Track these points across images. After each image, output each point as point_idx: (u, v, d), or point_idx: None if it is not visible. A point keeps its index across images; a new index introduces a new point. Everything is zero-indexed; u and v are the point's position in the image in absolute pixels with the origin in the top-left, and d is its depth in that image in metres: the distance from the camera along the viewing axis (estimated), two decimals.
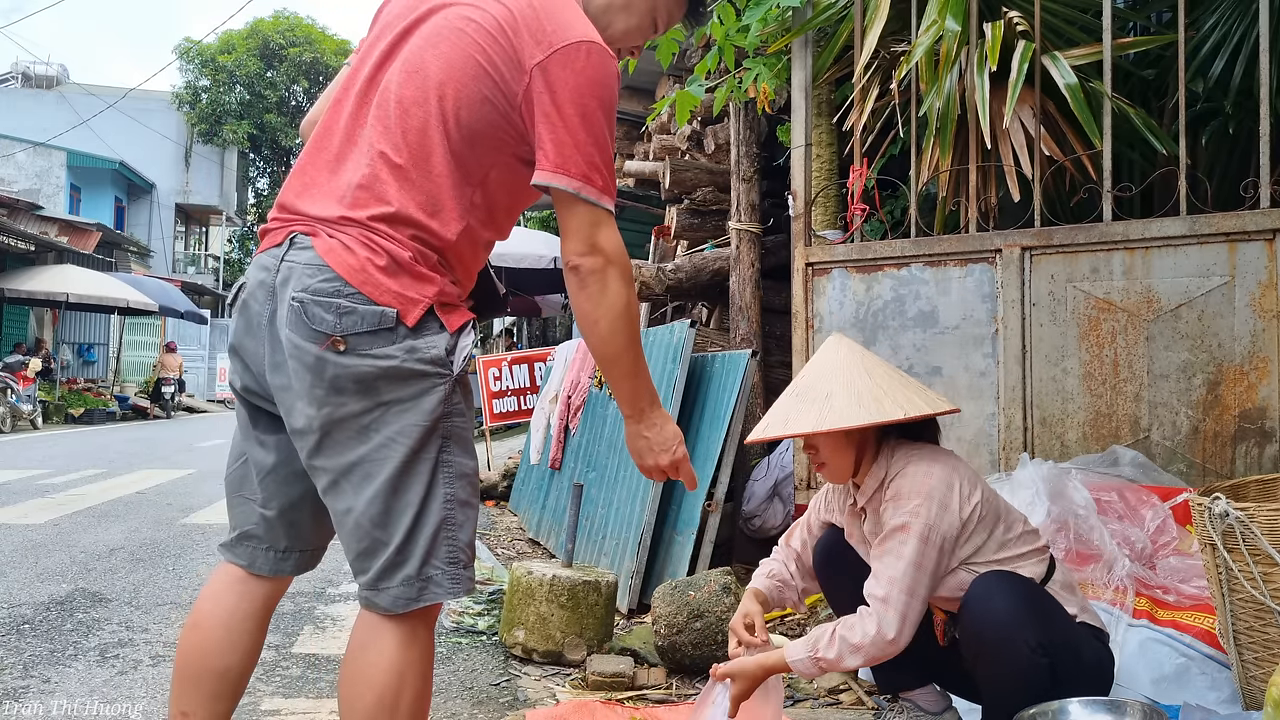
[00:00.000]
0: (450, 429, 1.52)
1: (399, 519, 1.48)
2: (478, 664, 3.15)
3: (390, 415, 1.47)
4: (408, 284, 1.47)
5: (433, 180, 1.50)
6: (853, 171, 3.34)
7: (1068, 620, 1.91)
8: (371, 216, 1.48)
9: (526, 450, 6.64)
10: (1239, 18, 3.23)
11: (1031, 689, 1.81)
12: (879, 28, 3.22)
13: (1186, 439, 2.78)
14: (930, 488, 1.88)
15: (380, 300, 1.45)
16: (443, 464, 1.51)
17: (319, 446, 1.50)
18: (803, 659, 1.87)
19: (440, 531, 1.50)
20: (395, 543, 1.48)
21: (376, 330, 1.45)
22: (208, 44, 31.51)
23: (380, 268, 1.46)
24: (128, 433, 15.12)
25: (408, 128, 1.50)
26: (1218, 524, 1.94)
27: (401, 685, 1.49)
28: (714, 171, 5.52)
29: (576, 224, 1.51)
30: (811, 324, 3.46)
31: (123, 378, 22.65)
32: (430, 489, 1.49)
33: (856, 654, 1.84)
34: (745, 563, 4.26)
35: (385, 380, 1.46)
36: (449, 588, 1.51)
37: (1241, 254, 2.71)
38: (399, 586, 1.49)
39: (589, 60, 1.50)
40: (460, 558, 1.52)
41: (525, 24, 1.50)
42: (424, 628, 1.54)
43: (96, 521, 5.91)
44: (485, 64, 1.50)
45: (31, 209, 19.23)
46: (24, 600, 3.86)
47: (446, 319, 1.51)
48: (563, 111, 1.49)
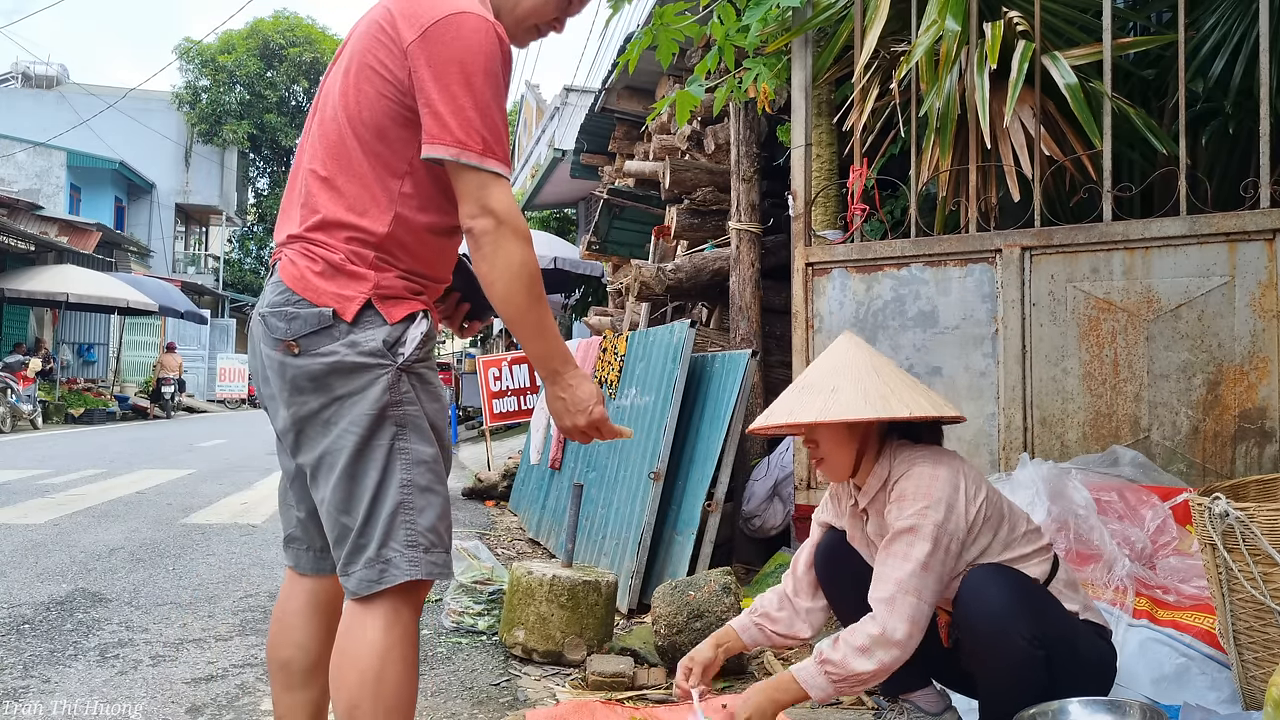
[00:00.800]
0: (403, 417, 1.61)
1: (358, 504, 1.60)
2: (478, 664, 3.15)
3: (344, 408, 1.60)
4: (343, 284, 1.60)
5: (355, 182, 1.62)
6: (853, 171, 3.34)
7: (1065, 615, 1.91)
8: (307, 228, 1.63)
9: (526, 450, 6.64)
10: (1239, 18, 3.23)
11: (1028, 682, 1.81)
12: (879, 28, 3.22)
13: (1186, 439, 2.78)
14: (937, 489, 1.87)
15: (319, 302, 1.59)
16: (399, 450, 1.60)
17: (296, 445, 1.66)
18: (809, 668, 1.85)
19: (398, 515, 1.59)
20: (356, 526, 1.60)
21: (319, 330, 1.59)
22: (208, 44, 31.53)
23: (317, 273, 1.61)
24: (128, 433, 15.12)
25: (329, 143, 1.64)
26: (1218, 524, 1.94)
27: (383, 665, 1.57)
28: (714, 171, 5.52)
29: (463, 189, 1.57)
30: (811, 324, 3.46)
31: (123, 378, 22.65)
32: (385, 474, 1.59)
33: (863, 656, 1.81)
34: (745, 563, 4.26)
35: (334, 375, 1.59)
36: (407, 570, 1.58)
37: (1241, 254, 2.71)
38: (362, 569, 1.59)
39: (460, 30, 1.55)
40: (419, 541, 1.60)
41: (401, 14, 1.60)
42: (407, 610, 1.61)
43: (96, 521, 5.91)
44: (374, 64, 1.61)
45: (31, 209, 19.23)
46: (24, 600, 3.86)
47: (387, 311, 1.61)
48: (439, 83, 1.55)
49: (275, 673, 1.82)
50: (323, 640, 1.80)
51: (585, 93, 14.61)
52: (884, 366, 2.01)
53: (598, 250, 8.35)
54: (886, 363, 2.04)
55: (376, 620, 1.58)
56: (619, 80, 8.07)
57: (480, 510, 6.99)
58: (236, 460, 10.31)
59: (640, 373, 4.59)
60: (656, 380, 4.32)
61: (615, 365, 4.97)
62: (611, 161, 9.06)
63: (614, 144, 8.62)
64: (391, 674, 1.57)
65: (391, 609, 1.59)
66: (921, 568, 1.82)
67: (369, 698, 1.56)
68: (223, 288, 30.97)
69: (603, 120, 8.78)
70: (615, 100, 8.37)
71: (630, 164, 7.19)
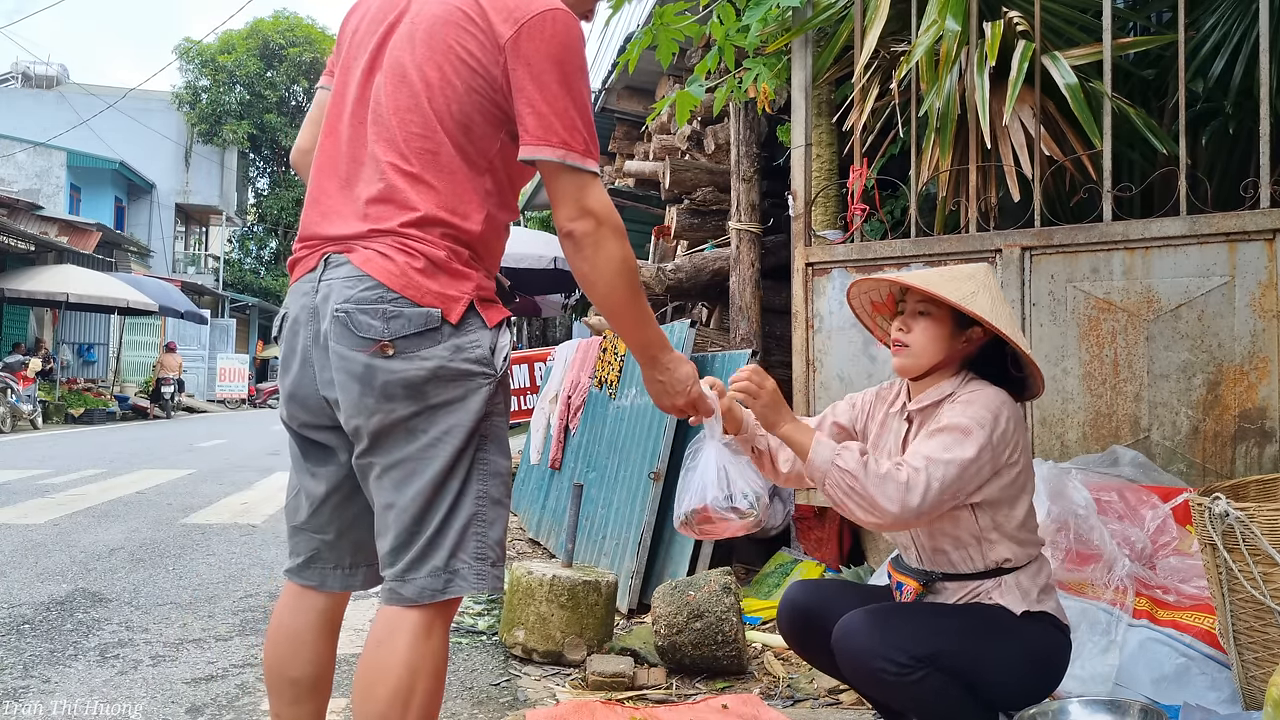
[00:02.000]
0: (490, 429, 1.56)
1: (434, 513, 1.53)
2: (478, 664, 3.15)
3: (438, 416, 1.52)
4: (447, 283, 1.52)
5: (446, 179, 1.54)
6: (853, 171, 3.34)
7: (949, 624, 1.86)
8: (402, 223, 1.52)
9: (526, 450, 6.64)
10: (1239, 18, 3.23)
11: (926, 700, 1.80)
12: (879, 28, 3.22)
13: (1186, 439, 2.78)
14: (999, 411, 1.85)
15: (424, 302, 1.49)
16: (479, 461, 1.55)
17: (370, 448, 1.55)
18: (824, 452, 1.82)
19: (470, 526, 1.54)
20: (427, 534, 1.53)
21: (423, 331, 1.49)
22: (208, 44, 31.51)
23: (419, 270, 1.50)
24: (128, 433, 15.12)
25: (409, 134, 1.54)
26: (1218, 524, 1.94)
27: (415, 679, 1.51)
28: (714, 171, 5.51)
29: (563, 191, 1.53)
30: (811, 324, 3.46)
31: (123, 378, 22.64)
32: (465, 485, 1.54)
33: (876, 483, 1.76)
34: (745, 563, 4.26)
35: (434, 382, 1.50)
36: (473, 582, 1.54)
37: (1241, 254, 2.71)
38: (426, 577, 1.52)
39: (555, 27, 1.52)
40: (489, 555, 1.56)
41: (491, 5, 1.54)
42: (441, 624, 1.56)
43: (96, 521, 5.91)
44: (464, 55, 1.53)
45: (31, 209, 19.22)
46: (24, 600, 3.86)
47: (486, 315, 1.55)
48: (539, 82, 1.51)
49: (282, 689, 1.74)
50: (332, 655, 1.77)
51: None
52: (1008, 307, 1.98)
53: None
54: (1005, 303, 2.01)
55: (416, 631, 1.53)
56: (619, 80, 8.08)
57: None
58: (236, 460, 10.31)
59: (640, 373, 4.58)
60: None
61: (615, 365, 4.97)
62: (611, 161, 9.06)
63: (614, 144, 8.62)
64: (423, 687, 1.52)
65: (432, 621, 1.54)
66: (960, 466, 1.78)
67: (399, 709, 1.50)
68: (223, 288, 30.95)
69: (603, 120, 8.77)
70: (615, 100, 8.37)
71: (630, 164, 7.19)
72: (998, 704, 1.88)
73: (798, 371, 3.47)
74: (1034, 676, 1.89)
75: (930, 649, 1.79)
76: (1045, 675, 1.91)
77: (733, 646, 2.91)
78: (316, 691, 1.76)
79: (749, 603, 3.62)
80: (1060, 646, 1.93)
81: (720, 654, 2.92)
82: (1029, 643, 1.88)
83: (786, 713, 2.60)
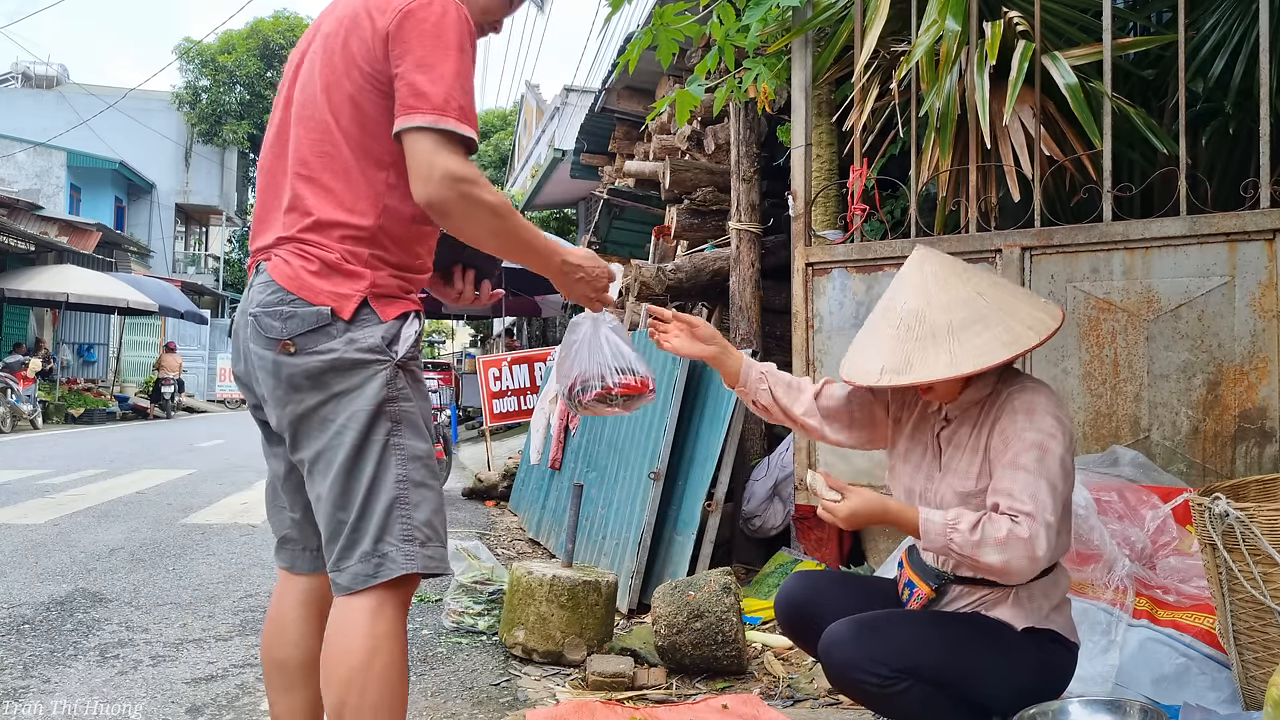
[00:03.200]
0: (399, 412, 1.63)
1: (353, 499, 1.61)
2: (478, 664, 3.15)
3: (341, 404, 1.61)
4: (339, 282, 1.62)
5: (343, 178, 1.63)
6: (853, 171, 3.34)
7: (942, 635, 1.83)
8: (300, 229, 1.64)
9: (526, 450, 6.63)
10: (1239, 18, 3.23)
11: (917, 709, 1.78)
12: (879, 28, 3.22)
13: (1186, 439, 2.78)
14: (1057, 412, 1.80)
15: (316, 301, 1.61)
16: (394, 446, 1.62)
17: (294, 442, 1.67)
18: (937, 523, 1.75)
19: (393, 510, 1.61)
20: (350, 521, 1.61)
21: (317, 328, 1.60)
22: (208, 44, 31.49)
23: (313, 272, 1.62)
24: (128, 433, 15.12)
25: (311, 141, 1.65)
26: (1218, 524, 1.94)
27: (370, 661, 1.57)
28: (714, 171, 5.51)
29: (416, 156, 1.55)
30: (811, 324, 3.46)
31: (123, 378, 22.64)
32: (380, 470, 1.61)
33: (998, 549, 1.69)
34: (745, 563, 4.26)
35: (332, 372, 1.61)
36: (403, 564, 1.60)
37: (1241, 254, 2.71)
38: (357, 563, 1.60)
39: (431, 9, 1.58)
40: (416, 536, 1.61)
41: (374, 5, 1.61)
42: (390, 608, 1.62)
43: (96, 521, 5.91)
44: (353, 54, 1.62)
45: (31, 209, 19.22)
46: (24, 600, 3.86)
47: (382, 310, 1.64)
48: (413, 57, 1.56)
49: (272, 674, 1.82)
50: (318, 638, 1.80)
51: (585, 93, 14.61)
52: (977, 279, 1.86)
53: (598, 250, 8.34)
54: (974, 273, 1.89)
55: (365, 616, 1.59)
56: (619, 80, 8.08)
57: (480, 510, 6.99)
58: (236, 460, 10.30)
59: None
60: (656, 380, 4.31)
61: None
62: (611, 161, 9.06)
63: (614, 144, 8.62)
64: (379, 669, 1.57)
65: (380, 605, 1.60)
66: (1052, 488, 1.72)
67: (356, 693, 1.56)
68: (223, 288, 30.95)
69: (603, 120, 8.78)
70: (615, 100, 8.37)
71: (630, 164, 7.18)
72: (992, 710, 1.85)
73: (798, 371, 3.47)
74: (1027, 694, 1.82)
75: (915, 662, 1.77)
76: (1040, 693, 1.85)
77: (733, 646, 2.91)
78: (306, 679, 1.80)
79: (749, 603, 3.62)
80: (1060, 666, 1.88)
81: (720, 654, 2.92)
82: (1024, 661, 1.83)
83: (786, 713, 2.60)
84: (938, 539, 1.75)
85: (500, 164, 26.75)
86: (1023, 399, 1.82)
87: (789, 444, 4.07)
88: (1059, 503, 1.74)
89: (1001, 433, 1.81)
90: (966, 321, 1.80)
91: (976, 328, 1.79)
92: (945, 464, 1.92)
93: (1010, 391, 1.85)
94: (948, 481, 1.90)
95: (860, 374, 1.88)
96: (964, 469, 1.88)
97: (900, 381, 1.80)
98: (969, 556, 1.72)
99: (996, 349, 1.76)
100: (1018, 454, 1.76)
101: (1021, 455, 1.75)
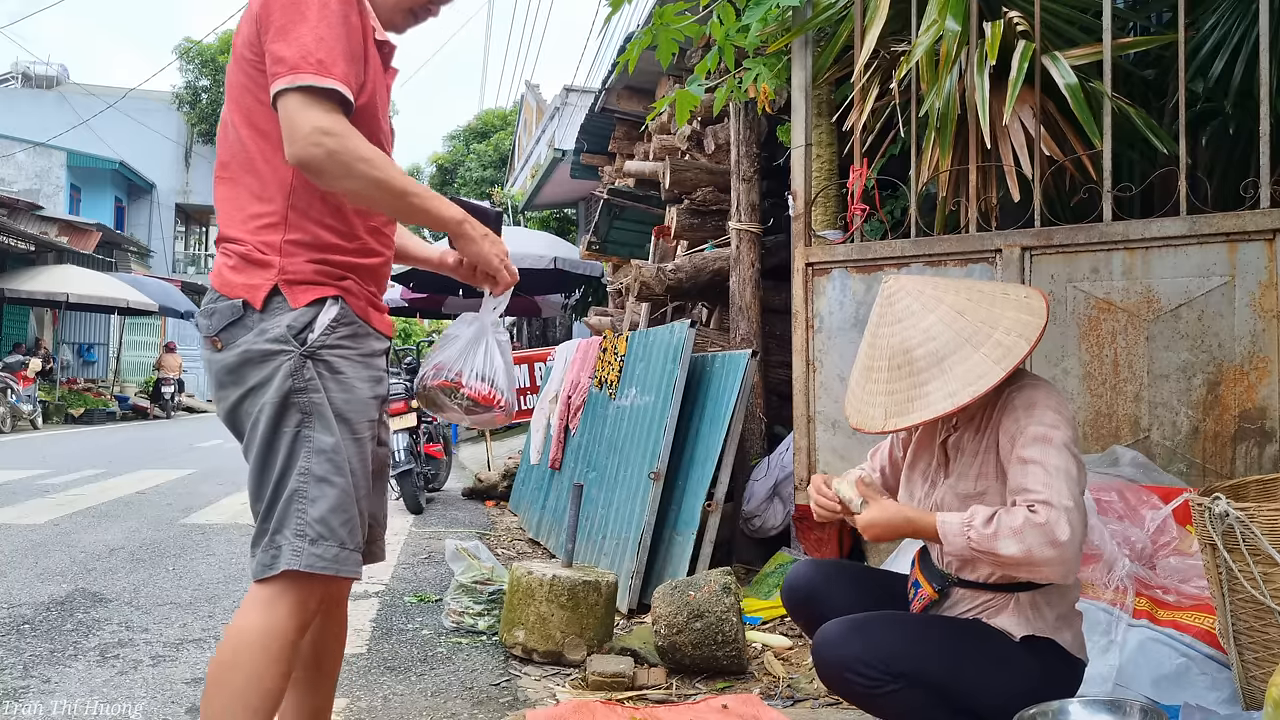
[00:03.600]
0: (308, 404, 1.62)
1: (263, 490, 1.63)
2: (478, 664, 3.15)
3: (256, 397, 1.62)
4: (252, 274, 1.63)
5: (250, 171, 1.65)
6: (853, 171, 3.34)
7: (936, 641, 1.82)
8: (224, 229, 1.68)
9: (526, 450, 6.63)
10: (1239, 18, 3.23)
11: (905, 711, 1.78)
12: (879, 28, 3.22)
13: (1186, 439, 2.78)
14: (1059, 406, 1.80)
15: (232, 294, 1.64)
16: (302, 438, 1.62)
17: (239, 438, 1.69)
18: (954, 525, 1.74)
19: (292, 503, 1.60)
20: (261, 512, 1.63)
21: (234, 321, 1.63)
22: (208, 44, 31.43)
23: (230, 268, 1.65)
24: (128, 433, 15.11)
25: (224, 142, 1.69)
26: (1218, 524, 1.94)
27: (238, 651, 1.57)
28: (714, 171, 5.51)
29: (284, 119, 1.52)
30: (811, 324, 3.46)
31: (123, 378, 22.64)
32: (288, 462, 1.61)
33: (1013, 539, 1.67)
34: (745, 563, 4.26)
35: (247, 365, 1.62)
36: (290, 559, 1.58)
37: (1241, 254, 2.71)
38: (262, 552, 1.62)
39: None
40: (307, 532, 1.59)
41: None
42: (286, 603, 1.60)
43: (96, 521, 5.91)
44: (241, 45, 1.64)
45: (31, 209, 19.22)
46: (24, 600, 3.86)
47: (293, 296, 1.62)
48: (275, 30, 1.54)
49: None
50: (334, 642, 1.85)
51: (585, 93, 14.61)
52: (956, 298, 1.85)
53: (598, 250, 8.35)
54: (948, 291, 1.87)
55: (257, 608, 1.60)
56: (619, 80, 8.07)
57: (480, 510, 6.99)
58: (236, 460, 10.26)
59: (640, 373, 4.59)
60: (656, 380, 4.31)
61: (615, 365, 4.97)
62: (611, 161, 9.06)
63: (614, 144, 8.62)
64: (246, 661, 1.56)
65: (275, 599, 1.60)
66: (1066, 474, 1.71)
67: (214, 680, 1.57)
68: None
69: (603, 120, 8.77)
70: (615, 100, 8.36)
71: (630, 164, 7.18)
72: (983, 717, 1.83)
73: (798, 371, 3.47)
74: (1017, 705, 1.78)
75: (905, 665, 1.77)
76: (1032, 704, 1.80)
77: (733, 646, 2.91)
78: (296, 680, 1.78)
79: (749, 603, 3.62)
80: (1058, 680, 1.84)
81: (720, 654, 2.92)
82: (1017, 672, 1.80)
83: (786, 713, 2.60)
84: (957, 540, 1.74)
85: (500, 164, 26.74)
86: (1022, 396, 1.82)
87: (789, 444, 4.07)
88: (1075, 488, 1.72)
89: (1005, 431, 1.82)
90: (954, 345, 1.80)
91: (965, 350, 1.79)
92: (950, 468, 1.93)
93: (1010, 391, 1.85)
94: (949, 484, 1.91)
95: (867, 422, 1.89)
96: (965, 470, 1.89)
97: (905, 424, 1.82)
98: (989, 551, 1.70)
99: (989, 368, 1.75)
100: (1024, 449, 1.76)
101: (1028, 450, 1.76)
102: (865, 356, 1.94)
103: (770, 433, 4.59)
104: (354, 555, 1.64)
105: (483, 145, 28.23)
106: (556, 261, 10.95)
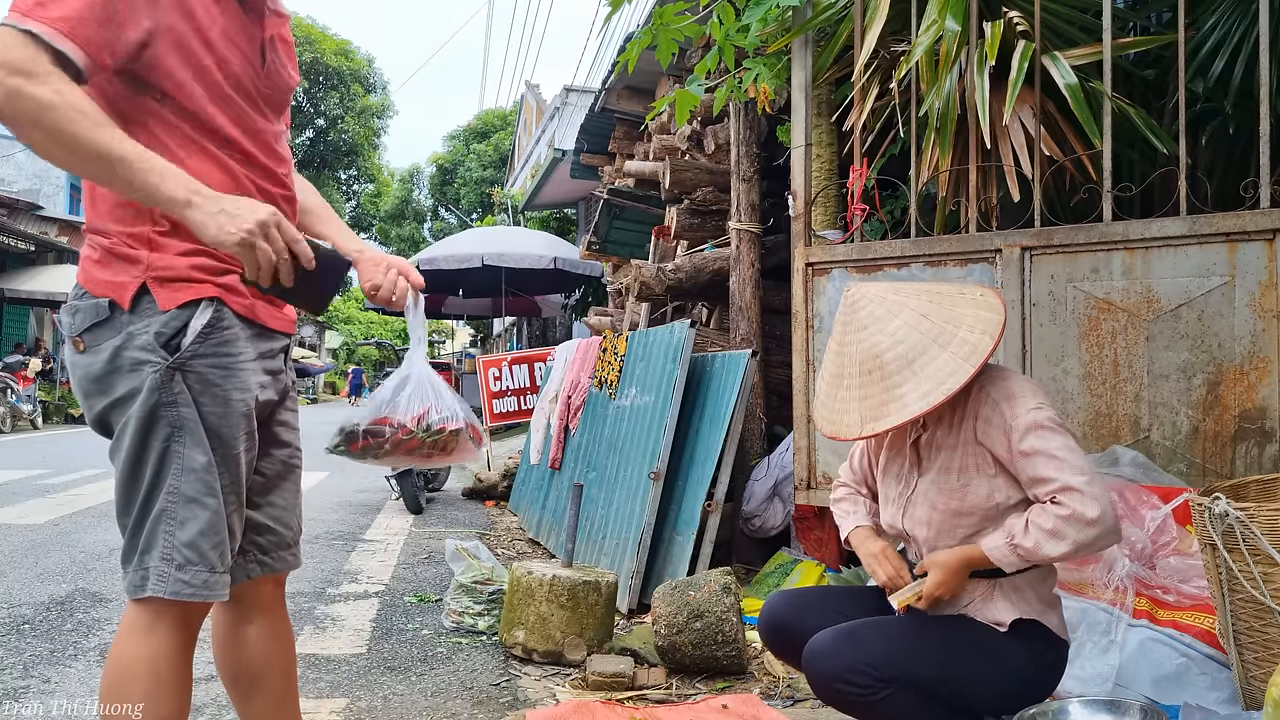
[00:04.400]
0: (178, 419, 1.47)
1: (130, 509, 1.51)
2: (478, 664, 3.16)
3: (123, 408, 1.49)
4: (118, 269, 1.47)
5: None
6: (853, 171, 3.34)
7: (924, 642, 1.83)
8: (89, 214, 1.53)
9: (526, 450, 6.64)
10: (1239, 18, 3.23)
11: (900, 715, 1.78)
12: (879, 28, 3.22)
13: (1186, 439, 2.78)
14: (1033, 387, 1.83)
15: (97, 292, 1.48)
16: (172, 454, 1.48)
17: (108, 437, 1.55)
18: (1001, 546, 1.78)
19: (159, 525, 1.48)
20: (128, 531, 1.51)
21: (100, 322, 1.47)
22: None
23: (95, 261, 1.49)
24: None
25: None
26: (1218, 524, 1.94)
27: (122, 678, 1.48)
28: (714, 171, 5.52)
29: None
30: (811, 324, 3.46)
31: None
32: (156, 478, 1.49)
33: (1054, 540, 1.71)
34: (745, 563, 4.26)
35: (114, 374, 1.47)
36: (156, 585, 1.47)
37: (1241, 254, 2.71)
38: (131, 573, 1.50)
39: None
40: (174, 557, 1.48)
41: None
42: (165, 626, 1.50)
43: (96, 521, 5.91)
44: None
45: (31, 209, 19.21)
46: (24, 600, 3.86)
47: (163, 298, 1.46)
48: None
49: (228, 687, 1.78)
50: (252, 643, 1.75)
51: (585, 93, 14.62)
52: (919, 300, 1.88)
53: (598, 250, 8.34)
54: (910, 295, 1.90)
55: (133, 628, 1.50)
56: (619, 80, 8.07)
57: (480, 510, 6.99)
58: None
59: (640, 373, 4.59)
60: (656, 380, 4.32)
61: (615, 365, 4.97)
62: (611, 161, 9.06)
63: (614, 144, 8.62)
64: (139, 694, 1.47)
65: (153, 621, 1.50)
66: (1072, 450, 1.75)
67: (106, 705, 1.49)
68: None
69: (603, 120, 8.77)
70: (615, 100, 8.36)
71: (630, 164, 7.19)
72: (980, 713, 1.85)
73: (798, 371, 3.47)
74: (1013, 696, 1.83)
75: (896, 670, 1.77)
76: (1027, 694, 1.85)
77: (733, 646, 2.91)
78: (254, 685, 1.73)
79: (749, 603, 3.62)
80: (1049, 665, 1.87)
81: (720, 654, 2.92)
82: (1011, 663, 1.82)
83: (786, 713, 2.60)
84: (1010, 557, 1.78)
85: (500, 164, 26.75)
86: (997, 388, 1.85)
87: (789, 444, 4.07)
88: (1079, 457, 1.76)
89: (987, 421, 1.84)
90: (922, 346, 1.82)
91: (933, 350, 1.81)
92: (924, 466, 1.94)
93: (980, 382, 1.87)
94: (926, 481, 1.92)
95: (842, 429, 1.88)
96: (947, 465, 1.90)
97: (882, 428, 1.82)
98: (1041, 559, 1.75)
99: (959, 366, 1.78)
100: (1022, 442, 1.78)
101: (1026, 441, 1.78)
102: (833, 365, 1.95)
103: (770, 433, 4.59)
104: (223, 578, 1.53)
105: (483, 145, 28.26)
106: (556, 261, 10.97)
